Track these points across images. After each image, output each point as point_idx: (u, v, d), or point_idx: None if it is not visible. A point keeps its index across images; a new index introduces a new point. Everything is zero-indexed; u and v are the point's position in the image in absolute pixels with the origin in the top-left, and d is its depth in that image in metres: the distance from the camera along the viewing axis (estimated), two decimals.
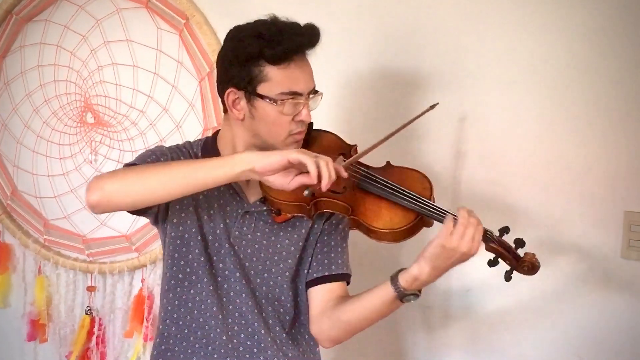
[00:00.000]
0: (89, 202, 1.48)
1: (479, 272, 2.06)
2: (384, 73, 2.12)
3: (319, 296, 1.68)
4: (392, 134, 1.61)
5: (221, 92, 1.60)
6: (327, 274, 1.67)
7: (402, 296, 1.51)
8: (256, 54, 1.50)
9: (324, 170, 1.38)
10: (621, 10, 1.90)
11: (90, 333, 2.56)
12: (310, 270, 1.69)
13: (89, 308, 2.56)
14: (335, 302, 1.64)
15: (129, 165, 1.58)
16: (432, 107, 1.71)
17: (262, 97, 1.52)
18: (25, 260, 2.68)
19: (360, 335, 1.66)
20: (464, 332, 2.12)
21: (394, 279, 1.51)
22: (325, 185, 1.38)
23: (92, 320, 2.56)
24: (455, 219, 1.46)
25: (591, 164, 1.95)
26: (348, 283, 1.70)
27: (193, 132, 2.38)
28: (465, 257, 1.46)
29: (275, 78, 1.52)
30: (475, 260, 2.01)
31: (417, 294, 1.52)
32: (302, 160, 1.38)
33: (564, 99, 1.97)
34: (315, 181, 1.38)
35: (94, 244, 2.57)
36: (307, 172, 1.38)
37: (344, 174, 1.44)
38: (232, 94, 1.56)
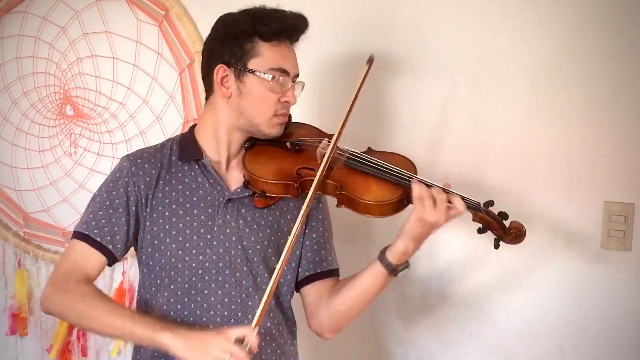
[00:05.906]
0: (40, 306, 1.63)
1: (460, 263, 2.08)
2: (356, 57, 2.10)
3: (314, 293, 1.71)
4: (352, 105, 1.62)
5: (208, 71, 1.64)
6: (319, 270, 1.71)
7: (395, 272, 1.58)
8: (250, 30, 1.59)
9: None
10: (602, 3, 1.91)
11: (71, 327, 2.54)
12: (300, 269, 1.71)
13: None
14: (328, 294, 1.68)
15: (78, 234, 1.63)
16: (370, 61, 1.67)
17: (252, 72, 1.59)
18: (5, 253, 2.65)
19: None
20: (442, 322, 2.12)
21: (382, 258, 1.58)
22: None
23: None
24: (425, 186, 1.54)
25: (571, 154, 1.96)
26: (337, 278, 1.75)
27: (173, 124, 2.36)
28: (438, 227, 1.54)
29: (266, 54, 1.60)
30: (458, 252, 2.04)
31: (407, 265, 1.60)
32: None
33: (546, 90, 1.98)
34: None
35: None
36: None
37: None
38: (221, 70, 1.62)
